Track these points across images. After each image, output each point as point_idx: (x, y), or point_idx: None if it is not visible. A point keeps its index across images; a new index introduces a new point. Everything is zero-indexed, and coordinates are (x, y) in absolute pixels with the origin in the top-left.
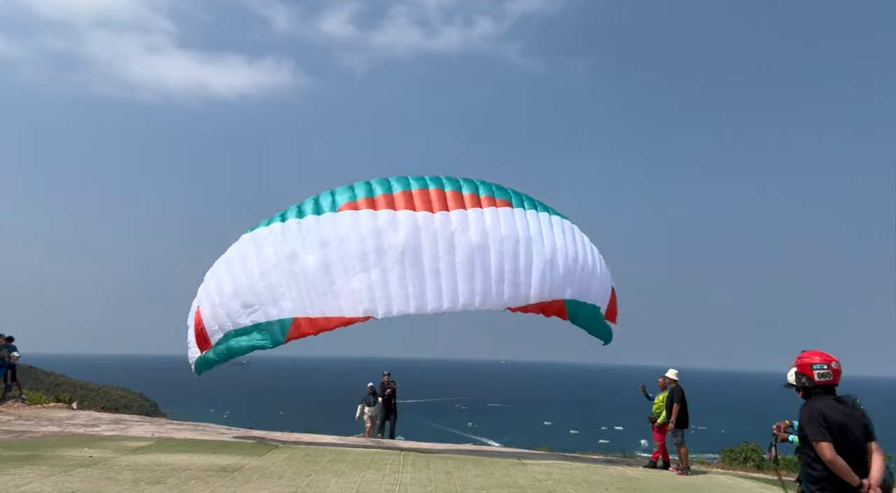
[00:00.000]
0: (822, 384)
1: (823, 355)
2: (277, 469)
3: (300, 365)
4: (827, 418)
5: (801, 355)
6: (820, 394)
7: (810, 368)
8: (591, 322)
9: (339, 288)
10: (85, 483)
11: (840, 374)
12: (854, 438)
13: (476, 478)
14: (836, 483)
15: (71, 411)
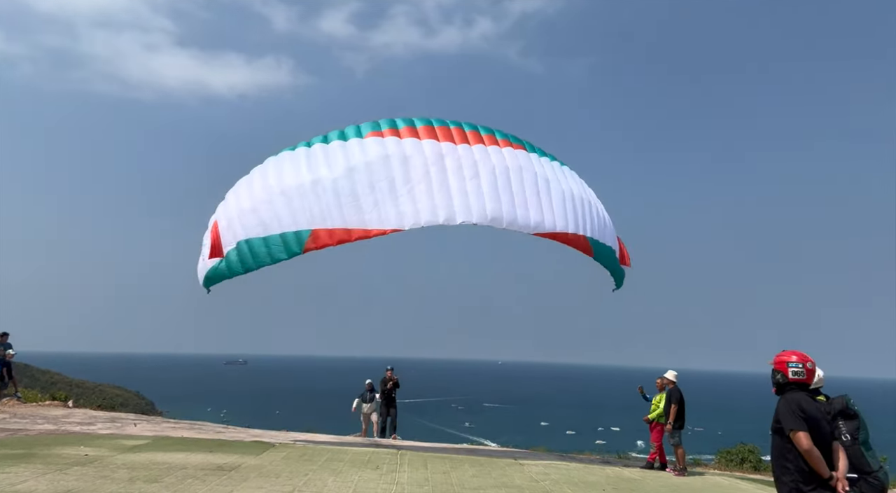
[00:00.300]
0: (795, 382)
1: (800, 355)
2: (274, 468)
3: (297, 365)
4: (804, 409)
5: (779, 354)
6: (794, 390)
7: (786, 365)
8: (611, 261)
9: (363, 204)
10: (81, 482)
11: (814, 374)
12: (825, 433)
13: (473, 478)
14: (808, 475)
15: (67, 409)
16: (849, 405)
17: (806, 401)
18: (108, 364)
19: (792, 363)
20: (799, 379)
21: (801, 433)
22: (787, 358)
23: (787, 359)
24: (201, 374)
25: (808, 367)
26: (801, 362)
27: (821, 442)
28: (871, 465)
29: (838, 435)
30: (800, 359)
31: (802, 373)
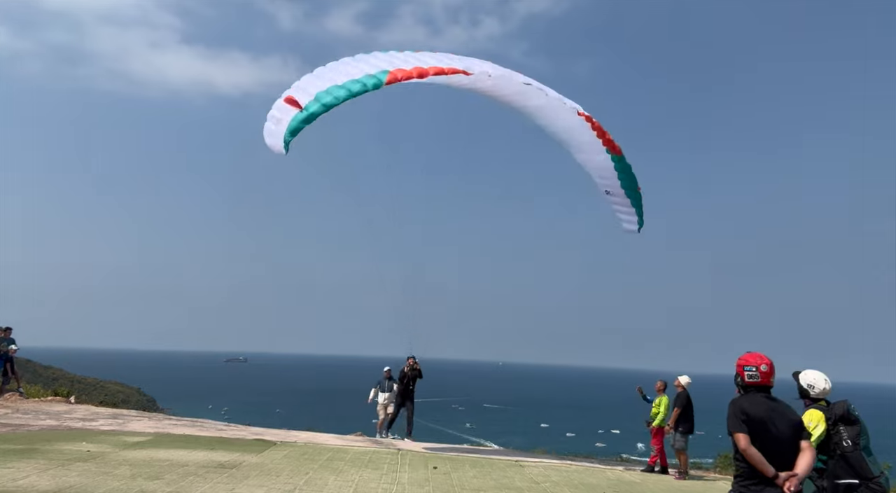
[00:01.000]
0: (752, 384)
1: (755, 358)
2: (276, 467)
3: (297, 363)
4: (746, 412)
5: (740, 357)
6: (751, 393)
7: (742, 369)
8: (631, 177)
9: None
10: (82, 478)
11: (770, 376)
12: (777, 433)
13: (473, 479)
14: (755, 475)
15: (69, 405)
16: (849, 411)
17: (752, 403)
18: (109, 361)
19: (747, 367)
20: (754, 382)
21: (738, 435)
22: (745, 362)
23: (744, 363)
24: (202, 371)
25: (762, 370)
26: (754, 364)
27: (771, 443)
28: (872, 471)
29: (839, 441)
30: (754, 362)
31: (757, 376)
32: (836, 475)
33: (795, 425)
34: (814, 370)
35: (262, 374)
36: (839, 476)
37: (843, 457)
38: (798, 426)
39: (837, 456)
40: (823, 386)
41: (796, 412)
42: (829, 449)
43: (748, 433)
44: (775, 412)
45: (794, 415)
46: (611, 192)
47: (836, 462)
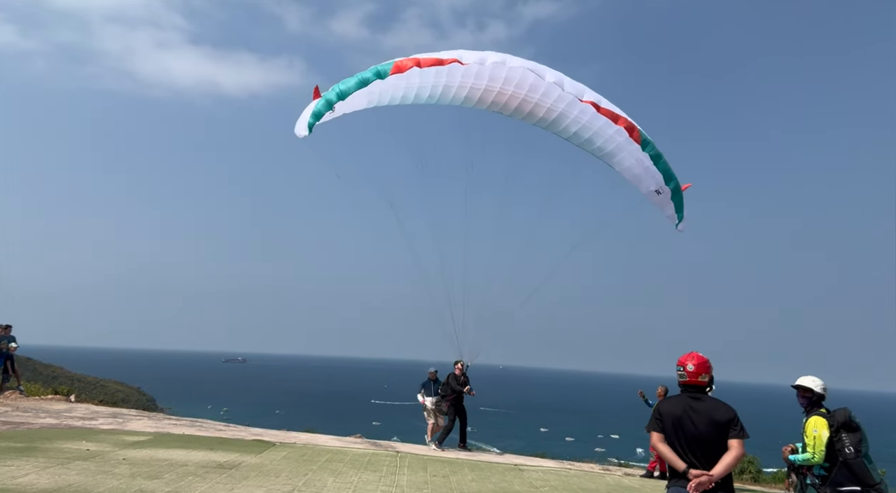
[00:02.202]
0: (683, 384)
1: (685, 358)
2: (275, 468)
3: (295, 364)
4: (661, 411)
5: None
6: (681, 393)
7: (676, 370)
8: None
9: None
10: (82, 476)
11: (698, 375)
12: (696, 432)
13: (472, 482)
14: (672, 472)
15: (69, 403)
16: (851, 418)
17: (671, 403)
18: (108, 360)
19: (678, 367)
20: (683, 381)
21: (652, 434)
22: (678, 362)
23: (677, 363)
24: (201, 371)
25: (688, 369)
26: (680, 365)
27: (687, 440)
28: (874, 477)
29: (841, 448)
30: (680, 363)
31: (684, 375)
32: (838, 482)
33: (719, 423)
34: (809, 376)
35: (261, 375)
36: (841, 484)
37: (845, 464)
38: (723, 424)
39: (840, 463)
40: (812, 386)
41: (728, 411)
42: (832, 456)
43: (663, 432)
44: (696, 411)
45: (721, 414)
46: (661, 191)
47: (838, 469)
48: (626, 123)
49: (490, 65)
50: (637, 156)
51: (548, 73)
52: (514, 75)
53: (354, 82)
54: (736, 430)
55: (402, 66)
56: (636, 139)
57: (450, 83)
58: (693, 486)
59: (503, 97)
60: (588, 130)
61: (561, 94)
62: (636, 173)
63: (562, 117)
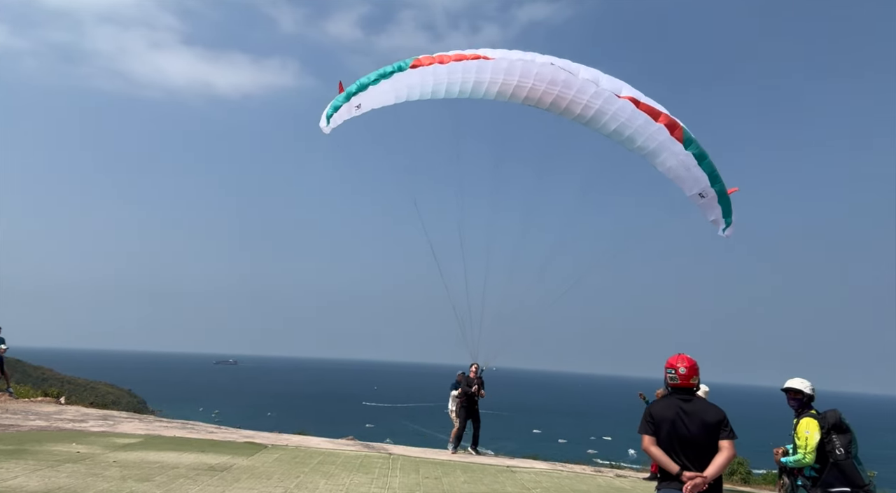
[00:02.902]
0: (674, 387)
1: (676, 360)
2: (266, 470)
3: (287, 366)
4: (653, 414)
5: (667, 360)
6: (671, 395)
7: (665, 372)
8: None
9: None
10: (72, 479)
11: (689, 377)
12: (688, 434)
13: (464, 484)
14: (664, 474)
15: (59, 405)
16: (842, 419)
17: (662, 406)
18: (99, 362)
19: (668, 369)
20: (674, 384)
21: (643, 437)
22: (667, 364)
23: (667, 365)
24: (192, 373)
25: (680, 372)
26: (672, 368)
27: (679, 442)
28: (863, 478)
29: (832, 449)
30: (671, 365)
31: (675, 378)
32: (828, 483)
33: (710, 425)
34: (797, 378)
35: (252, 376)
36: (832, 485)
37: (836, 465)
38: (713, 425)
39: (830, 465)
40: (800, 387)
41: (718, 412)
42: (822, 458)
43: (654, 435)
44: (688, 413)
45: (712, 416)
46: (705, 194)
47: (828, 471)
48: (668, 120)
49: (518, 61)
50: (680, 156)
51: (581, 69)
52: (545, 72)
53: (375, 75)
54: (726, 431)
55: (422, 61)
56: (678, 138)
57: (480, 79)
58: (689, 488)
59: (536, 93)
60: (628, 128)
61: (597, 90)
62: (679, 174)
63: (599, 114)
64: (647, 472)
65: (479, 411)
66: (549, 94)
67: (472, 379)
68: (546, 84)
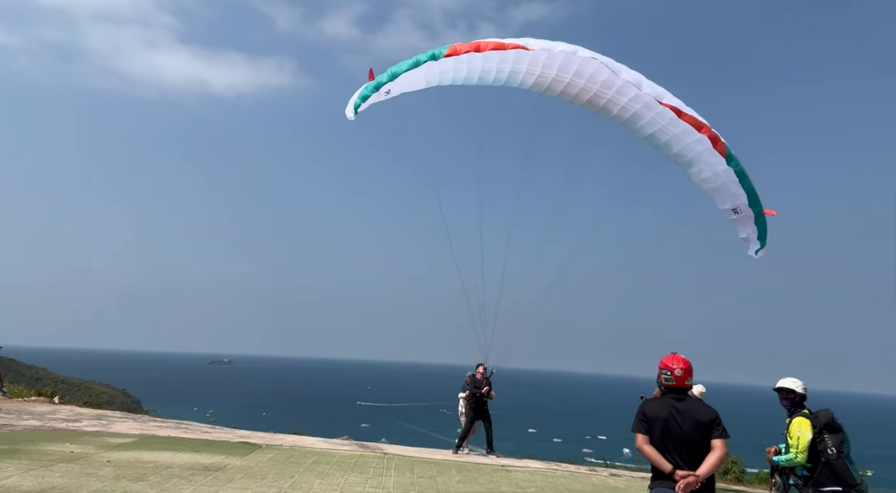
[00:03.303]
0: (669, 387)
1: (671, 361)
2: (261, 470)
3: (281, 366)
4: (646, 413)
5: (661, 360)
6: (665, 395)
7: (660, 373)
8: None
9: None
10: (66, 479)
11: (685, 378)
12: (681, 433)
13: (459, 483)
14: (657, 473)
15: (52, 405)
16: (833, 419)
17: (656, 405)
18: (92, 361)
19: (664, 370)
20: (669, 385)
21: (637, 435)
22: (662, 364)
23: (661, 366)
24: (186, 373)
25: (675, 373)
26: (667, 369)
27: (672, 441)
28: (855, 478)
29: (824, 449)
30: (666, 366)
31: (671, 379)
32: (820, 482)
33: (703, 424)
34: (789, 378)
35: (247, 376)
36: (823, 484)
37: (827, 465)
38: (706, 425)
39: (822, 464)
40: (791, 386)
41: (711, 412)
42: (814, 457)
43: (647, 434)
44: (681, 412)
45: (705, 415)
46: (739, 211)
47: (820, 470)
48: (710, 134)
49: (559, 53)
50: (717, 169)
51: (623, 70)
52: (585, 68)
53: (408, 64)
54: (719, 430)
55: (458, 49)
56: (720, 151)
57: (516, 69)
58: (681, 487)
59: (573, 88)
60: (665, 134)
61: (637, 93)
62: (714, 187)
63: (636, 117)
64: (643, 471)
65: (489, 412)
66: (586, 91)
67: (479, 381)
68: (584, 81)
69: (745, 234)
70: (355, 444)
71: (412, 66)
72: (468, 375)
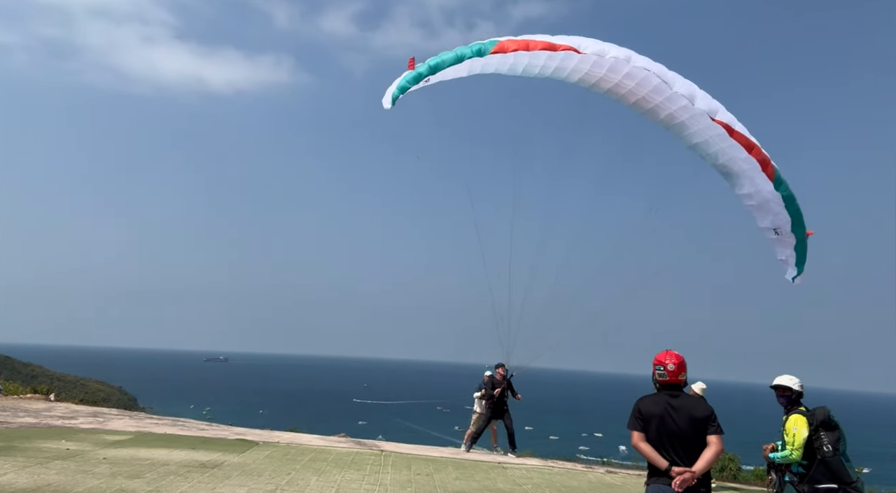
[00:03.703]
0: (663, 383)
1: (664, 356)
2: (258, 467)
3: (278, 363)
4: (641, 410)
5: (655, 356)
6: (660, 392)
7: (654, 369)
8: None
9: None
10: (61, 476)
11: (678, 373)
12: (676, 429)
13: (456, 481)
14: (653, 469)
15: (48, 402)
16: (830, 417)
17: (651, 402)
18: (89, 359)
19: (657, 366)
20: (663, 380)
21: (633, 432)
22: (655, 361)
23: (655, 361)
24: (183, 371)
25: (668, 369)
26: (661, 364)
27: (668, 438)
28: (850, 475)
29: (820, 446)
30: (659, 361)
31: (664, 375)
32: (816, 479)
33: (698, 420)
34: (785, 375)
35: (243, 374)
36: (819, 482)
37: (823, 462)
38: (701, 421)
39: (818, 461)
40: (788, 383)
41: (706, 408)
42: (810, 454)
43: (643, 431)
44: (676, 409)
45: (700, 411)
46: (780, 232)
47: (816, 467)
48: (760, 157)
49: (611, 59)
50: (762, 189)
51: (678, 81)
52: (636, 74)
53: (451, 58)
54: (714, 426)
55: (505, 47)
56: (769, 175)
57: (562, 66)
58: (678, 483)
59: (621, 89)
60: (712, 146)
61: (686, 105)
62: (754, 204)
63: (683, 127)
64: (639, 469)
65: (508, 411)
66: (633, 94)
67: (498, 381)
68: (634, 83)
69: (784, 256)
70: (352, 441)
71: (455, 62)
72: (486, 374)
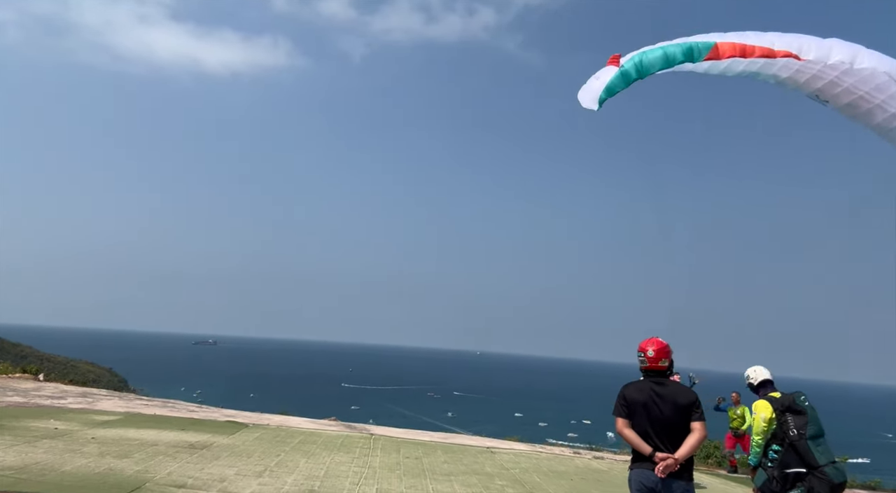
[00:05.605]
0: (644, 369)
1: (645, 343)
2: (247, 448)
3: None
4: (626, 397)
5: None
6: (645, 379)
7: (637, 356)
8: None
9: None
10: (49, 455)
11: (658, 360)
12: (660, 416)
13: (444, 464)
14: (636, 455)
15: (37, 382)
16: (797, 402)
17: (635, 388)
18: (79, 340)
19: (639, 353)
20: (644, 367)
21: (617, 419)
22: (638, 347)
23: (638, 348)
24: (172, 353)
25: (648, 355)
26: (641, 350)
27: (652, 424)
28: (818, 459)
29: (786, 430)
30: (641, 348)
31: (644, 361)
32: (786, 463)
33: (682, 406)
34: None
35: (233, 357)
36: (789, 465)
37: (791, 446)
38: (685, 407)
39: (787, 445)
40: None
41: (690, 395)
42: (780, 439)
43: (628, 417)
44: (660, 395)
45: (683, 399)
46: None
47: (786, 451)
48: None
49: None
50: None
51: None
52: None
53: (659, 60)
54: (697, 413)
55: (721, 53)
56: None
57: (778, 74)
58: (660, 468)
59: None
60: None
61: None
62: None
63: None
64: (625, 455)
65: None
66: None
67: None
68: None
69: None
70: (342, 425)
71: (664, 66)
72: None
